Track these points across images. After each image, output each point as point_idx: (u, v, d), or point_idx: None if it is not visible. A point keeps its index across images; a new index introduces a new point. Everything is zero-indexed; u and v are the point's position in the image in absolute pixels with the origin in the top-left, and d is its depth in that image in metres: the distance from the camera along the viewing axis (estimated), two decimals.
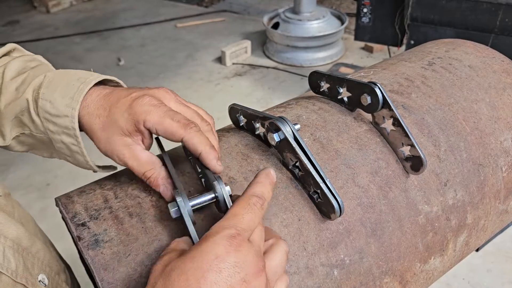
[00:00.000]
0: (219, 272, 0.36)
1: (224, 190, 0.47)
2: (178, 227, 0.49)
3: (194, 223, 0.45)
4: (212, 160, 0.50)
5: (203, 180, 0.52)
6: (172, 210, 0.46)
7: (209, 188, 0.49)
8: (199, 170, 0.52)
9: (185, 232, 0.48)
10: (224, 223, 0.40)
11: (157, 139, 0.57)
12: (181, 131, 0.49)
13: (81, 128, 0.53)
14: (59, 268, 0.59)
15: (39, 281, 0.52)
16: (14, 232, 0.52)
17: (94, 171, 0.58)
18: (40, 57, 0.62)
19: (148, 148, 0.54)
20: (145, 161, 0.52)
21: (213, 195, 0.47)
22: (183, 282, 0.35)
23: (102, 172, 0.59)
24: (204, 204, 0.47)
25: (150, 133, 0.52)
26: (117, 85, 0.58)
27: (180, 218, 0.46)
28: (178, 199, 0.45)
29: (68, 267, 0.63)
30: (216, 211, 0.50)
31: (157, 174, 0.52)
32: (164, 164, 0.54)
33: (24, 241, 0.53)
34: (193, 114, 0.53)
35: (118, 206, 0.51)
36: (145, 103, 0.50)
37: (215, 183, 0.47)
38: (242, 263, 0.37)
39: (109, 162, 0.58)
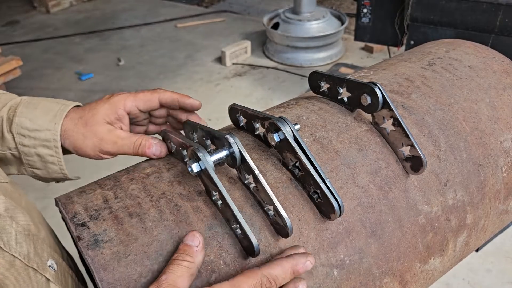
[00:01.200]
0: None
1: (238, 142, 0.50)
2: (178, 227, 0.49)
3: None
4: (188, 98, 0.62)
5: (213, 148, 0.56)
6: (194, 165, 0.49)
7: (220, 146, 0.52)
8: (207, 142, 0.56)
9: (187, 228, 0.48)
10: None
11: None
12: (154, 94, 0.62)
13: (60, 133, 0.61)
14: (63, 255, 0.60)
15: (49, 266, 0.53)
16: (22, 218, 0.53)
17: (63, 180, 0.65)
18: None
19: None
20: (131, 135, 0.61)
21: (227, 151, 0.51)
22: None
23: (73, 179, 0.66)
24: (221, 160, 0.51)
25: (128, 121, 0.63)
26: None
27: (199, 174, 0.49)
28: (200, 153, 0.48)
29: (70, 256, 0.64)
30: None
31: (147, 138, 0.60)
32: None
33: (32, 227, 0.54)
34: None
35: (118, 206, 0.51)
36: (120, 94, 0.62)
37: (227, 136, 0.50)
38: None
39: (76, 173, 0.66)
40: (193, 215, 0.50)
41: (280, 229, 0.49)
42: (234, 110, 0.62)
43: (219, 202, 0.49)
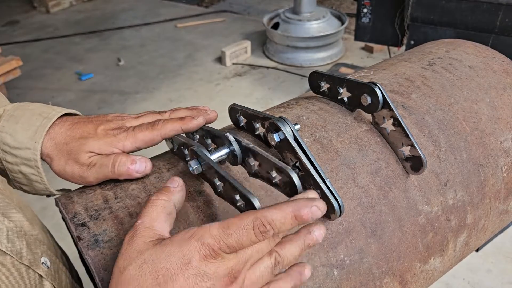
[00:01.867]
0: (187, 278, 0.38)
1: (242, 139, 0.50)
2: (178, 227, 0.49)
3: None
4: (191, 121, 0.56)
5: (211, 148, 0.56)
6: (195, 167, 0.49)
7: (220, 145, 0.53)
8: (208, 141, 0.56)
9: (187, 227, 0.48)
10: (213, 231, 0.39)
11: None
12: (155, 132, 0.56)
13: (43, 157, 0.57)
14: (57, 252, 0.60)
15: (42, 263, 0.53)
16: (15, 215, 0.53)
17: (52, 195, 0.60)
18: None
19: None
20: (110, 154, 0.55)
21: (227, 149, 0.51)
22: (153, 280, 0.38)
23: (59, 194, 0.61)
24: (221, 158, 0.51)
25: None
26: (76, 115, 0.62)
27: (201, 174, 0.50)
28: (200, 153, 0.48)
29: (64, 253, 0.64)
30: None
31: (127, 155, 0.55)
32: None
33: (25, 224, 0.53)
34: (151, 116, 0.59)
35: (118, 206, 0.51)
36: (117, 133, 0.56)
37: (227, 134, 0.50)
38: (212, 274, 0.38)
39: (64, 185, 0.61)
40: (193, 215, 0.50)
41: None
42: (234, 110, 0.62)
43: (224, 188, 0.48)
